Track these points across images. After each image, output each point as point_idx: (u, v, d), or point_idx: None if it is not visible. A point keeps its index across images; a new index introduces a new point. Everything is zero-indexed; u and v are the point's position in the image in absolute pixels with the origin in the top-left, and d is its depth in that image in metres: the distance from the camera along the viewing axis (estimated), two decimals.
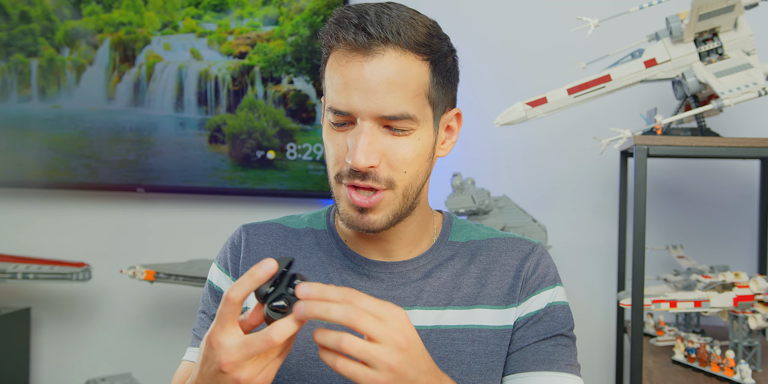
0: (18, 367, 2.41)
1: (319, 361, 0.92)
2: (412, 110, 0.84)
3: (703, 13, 1.44)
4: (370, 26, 0.82)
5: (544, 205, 2.12)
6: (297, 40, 2.23)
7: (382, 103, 0.83)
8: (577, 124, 2.08)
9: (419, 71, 0.85)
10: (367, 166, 0.84)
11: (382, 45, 0.83)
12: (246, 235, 1.01)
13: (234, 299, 0.69)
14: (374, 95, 0.83)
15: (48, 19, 2.43)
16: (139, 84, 2.38)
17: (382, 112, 0.83)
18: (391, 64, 0.83)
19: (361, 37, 0.83)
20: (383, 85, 0.83)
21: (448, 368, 0.91)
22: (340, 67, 0.85)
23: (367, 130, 0.84)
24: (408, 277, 0.95)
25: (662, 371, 1.55)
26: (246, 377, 0.69)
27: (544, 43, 2.13)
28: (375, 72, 0.83)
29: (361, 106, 0.83)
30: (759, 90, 1.43)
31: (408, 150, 0.86)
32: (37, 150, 2.46)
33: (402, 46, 0.84)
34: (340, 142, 0.87)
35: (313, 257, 0.98)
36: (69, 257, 2.28)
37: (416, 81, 0.85)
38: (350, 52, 0.84)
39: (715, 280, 1.55)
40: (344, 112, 0.84)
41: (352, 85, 0.84)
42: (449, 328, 0.93)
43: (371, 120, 0.84)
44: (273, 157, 2.28)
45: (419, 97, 0.86)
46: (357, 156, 0.83)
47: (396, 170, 0.86)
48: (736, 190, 2.02)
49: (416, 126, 0.86)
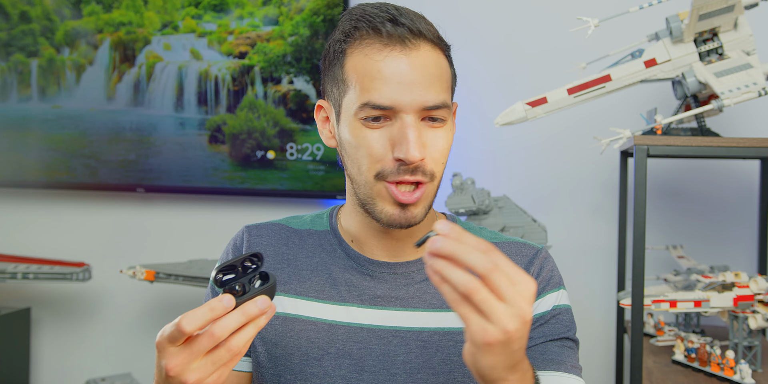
0: (18, 367, 2.41)
1: (321, 360, 0.92)
2: (448, 100, 0.88)
3: (703, 13, 1.44)
4: (404, 20, 0.85)
5: (544, 205, 2.12)
6: (297, 40, 2.23)
7: (426, 95, 0.84)
8: (577, 124, 2.08)
9: (445, 63, 0.89)
10: (420, 159, 0.84)
11: (418, 38, 0.85)
12: (248, 236, 1.01)
13: (185, 330, 0.66)
14: (418, 87, 0.84)
15: (48, 19, 2.43)
16: (139, 84, 2.38)
17: (426, 104, 0.84)
18: (428, 56, 0.86)
19: (400, 30, 0.84)
20: (426, 77, 0.85)
21: (450, 370, 0.91)
22: (376, 62, 0.85)
23: (413, 123, 0.84)
24: (412, 277, 0.95)
25: (662, 371, 1.55)
26: (194, 381, 0.67)
27: (544, 43, 2.13)
28: (415, 65, 0.84)
29: (405, 99, 0.84)
30: (759, 90, 1.43)
31: (445, 141, 0.88)
32: (37, 150, 2.46)
33: (430, 40, 0.87)
34: (377, 138, 0.85)
35: (316, 257, 0.98)
36: (69, 257, 2.28)
37: (446, 72, 0.89)
38: (386, 47, 0.85)
39: (715, 280, 1.55)
40: (387, 106, 0.84)
41: (394, 78, 0.84)
42: (453, 330, 0.93)
43: (414, 113, 0.85)
44: (273, 157, 2.28)
45: (449, 89, 0.90)
46: (411, 150, 0.82)
47: (436, 162, 0.87)
48: (736, 190, 2.02)
49: (449, 116, 0.89)
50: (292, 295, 0.96)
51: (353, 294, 0.95)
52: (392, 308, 0.94)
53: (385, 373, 0.91)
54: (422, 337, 0.92)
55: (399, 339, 0.92)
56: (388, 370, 0.91)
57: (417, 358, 0.92)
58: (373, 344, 0.92)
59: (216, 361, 0.68)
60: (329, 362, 0.92)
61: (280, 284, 0.97)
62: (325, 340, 0.93)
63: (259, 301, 0.68)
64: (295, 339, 0.94)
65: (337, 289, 0.95)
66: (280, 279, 0.97)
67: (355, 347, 0.92)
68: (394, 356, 0.92)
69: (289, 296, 0.96)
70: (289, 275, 0.98)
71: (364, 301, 0.94)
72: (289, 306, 0.96)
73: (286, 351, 0.94)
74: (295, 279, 0.97)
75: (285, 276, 0.98)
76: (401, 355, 0.92)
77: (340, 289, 0.95)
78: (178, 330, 0.66)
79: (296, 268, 0.98)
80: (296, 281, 0.97)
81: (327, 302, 0.95)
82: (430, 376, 0.91)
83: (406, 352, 0.92)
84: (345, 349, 0.93)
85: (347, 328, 0.93)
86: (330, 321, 0.94)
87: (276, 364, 0.94)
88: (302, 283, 0.97)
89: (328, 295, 0.95)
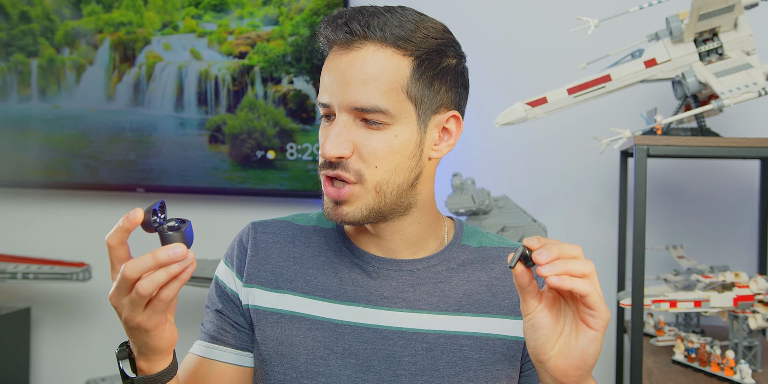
0: (18, 367, 2.41)
1: (327, 359, 0.93)
2: (385, 104, 0.85)
3: (703, 13, 1.44)
4: (354, 23, 0.85)
5: (544, 205, 2.12)
6: (297, 40, 2.23)
7: (355, 95, 0.85)
8: (577, 124, 2.08)
9: (397, 65, 0.86)
10: (334, 156, 0.86)
11: (362, 40, 0.86)
12: (254, 233, 1.02)
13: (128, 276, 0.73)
14: (348, 87, 0.85)
15: (48, 19, 2.43)
16: (139, 84, 2.38)
17: (353, 104, 0.85)
18: (368, 57, 0.85)
19: (342, 34, 0.86)
20: (357, 76, 0.85)
21: (455, 373, 0.92)
22: (327, 63, 0.89)
23: (340, 121, 0.86)
24: (418, 276, 0.95)
25: (662, 371, 1.55)
26: (126, 315, 0.75)
27: (544, 43, 2.13)
28: (351, 64, 0.85)
29: (336, 98, 0.86)
30: (759, 90, 1.43)
31: (380, 144, 0.87)
32: (37, 150, 2.46)
33: (382, 42, 0.86)
34: (324, 134, 0.90)
35: (322, 256, 0.98)
36: (69, 257, 2.28)
37: (392, 74, 0.86)
38: (336, 49, 0.88)
39: (715, 280, 1.55)
40: (325, 103, 0.88)
41: (331, 77, 0.87)
42: (458, 334, 0.93)
43: (346, 112, 0.87)
44: (273, 157, 2.28)
45: (394, 91, 0.86)
46: (326, 145, 0.86)
47: (367, 163, 0.87)
48: (736, 190, 2.02)
49: (391, 121, 0.87)
50: (298, 293, 0.96)
51: (360, 294, 0.95)
52: (398, 309, 0.94)
53: (390, 374, 0.92)
54: (428, 340, 0.93)
55: (405, 340, 0.93)
56: (394, 371, 0.92)
57: (422, 360, 0.92)
58: (379, 345, 0.93)
59: (158, 310, 0.76)
60: (335, 361, 0.93)
61: (286, 282, 0.97)
62: (331, 339, 0.93)
63: (172, 249, 0.73)
64: (301, 338, 0.94)
65: (344, 288, 0.95)
66: (287, 277, 0.98)
67: (361, 347, 0.93)
68: (400, 357, 0.92)
69: (296, 295, 0.96)
70: (295, 273, 0.98)
71: (370, 301, 0.94)
72: (295, 304, 0.96)
73: (292, 349, 0.94)
74: (301, 277, 0.97)
75: (291, 274, 0.98)
76: (407, 356, 0.92)
77: (347, 288, 0.95)
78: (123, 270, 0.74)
79: (303, 266, 0.98)
80: (303, 279, 0.97)
81: (334, 301, 0.95)
82: (435, 378, 0.91)
83: (411, 353, 0.92)
84: (351, 348, 0.93)
85: (353, 328, 0.93)
86: (336, 320, 0.94)
87: (282, 362, 0.94)
88: (309, 281, 0.97)
89: (334, 295, 0.95)
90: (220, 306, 1.00)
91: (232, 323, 0.99)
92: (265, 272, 0.98)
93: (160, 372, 0.82)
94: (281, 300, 0.96)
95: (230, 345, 0.99)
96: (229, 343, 0.99)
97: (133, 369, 0.82)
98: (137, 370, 0.82)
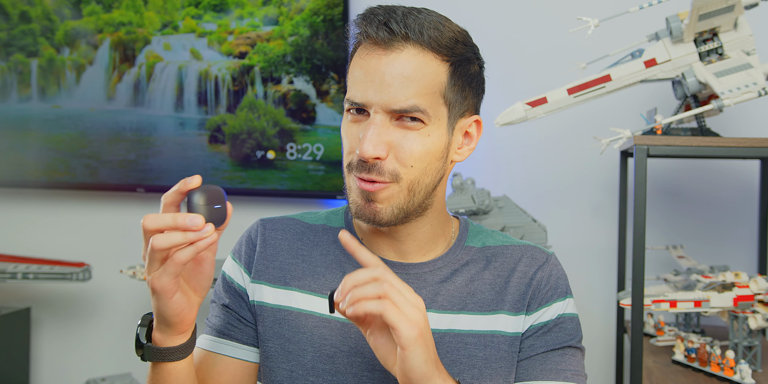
0: (18, 367, 2.41)
1: (333, 357, 0.93)
2: (423, 104, 0.86)
3: (703, 13, 1.44)
4: (393, 23, 0.85)
5: (544, 205, 2.12)
6: (297, 40, 2.23)
7: (395, 96, 0.85)
8: (577, 124, 2.08)
9: (436, 70, 0.88)
10: (373, 157, 0.85)
11: (403, 42, 0.86)
12: (263, 230, 1.02)
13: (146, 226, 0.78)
14: (388, 88, 0.85)
15: (48, 19, 2.43)
16: (139, 84, 2.38)
17: (392, 105, 0.85)
18: (409, 59, 0.86)
19: (383, 33, 0.85)
20: (398, 79, 0.85)
21: (459, 372, 0.92)
22: (361, 60, 0.88)
23: (378, 121, 0.86)
24: (424, 279, 0.96)
25: (662, 371, 1.55)
26: (145, 270, 0.80)
27: (544, 43, 2.13)
28: (391, 66, 0.85)
29: (374, 98, 0.86)
30: (759, 90, 1.43)
31: (416, 144, 0.87)
32: (37, 150, 2.46)
33: (422, 45, 0.86)
34: (354, 133, 0.89)
35: (330, 255, 0.99)
36: (69, 257, 2.28)
37: (432, 79, 0.87)
38: (372, 47, 0.87)
39: (715, 280, 1.56)
40: (359, 103, 0.87)
41: (368, 77, 0.86)
42: (462, 332, 0.94)
43: (383, 112, 0.86)
44: (273, 157, 2.28)
45: (433, 95, 0.87)
46: (364, 145, 0.85)
47: (403, 164, 0.87)
48: (736, 190, 2.02)
49: (427, 121, 0.87)
50: (306, 291, 0.97)
51: None
52: None
53: None
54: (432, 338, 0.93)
55: None
56: None
57: None
58: None
59: (168, 270, 0.78)
60: (342, 360, 0.93)
61: (294, 279, 0.97)
62: (338, 338, 0.94)
63: (191, 217, 0.76)
64: (308, 335, 0.95)
65: None
66: (295, 274, 0.98)
67: (368, 346, 0.93)
68: None
69: (304, 292, 0.97)
70: (303, 271, 0.98)
71: None
72: (303, 302, 0.96)
73: (299, 346, 0.95)
74: (309, 275, 0.98)
75: (299, 272, 0.98)
76: None
77: None
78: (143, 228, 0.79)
79: (311, 264, 0.98)
80: (311, 277, 0.97)
81: None
82: None
83: None
84: (357, 347, 0.93)
85: None
86: (344, 319, 0.94)
87: (289, 359, 0.95)
88: (317, 279, 0.97)
89: None
90: (227, 301, 1.01)
91: (239, 318, 0.99)
92: (274, 269, 0.99)
93: (170, 347, 0.85)
94: (289, 297, 0.97)
95: (237, 340, 0.99)
96: (235, 337, 0.99)
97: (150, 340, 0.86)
98: (152, 341, 0.86)
